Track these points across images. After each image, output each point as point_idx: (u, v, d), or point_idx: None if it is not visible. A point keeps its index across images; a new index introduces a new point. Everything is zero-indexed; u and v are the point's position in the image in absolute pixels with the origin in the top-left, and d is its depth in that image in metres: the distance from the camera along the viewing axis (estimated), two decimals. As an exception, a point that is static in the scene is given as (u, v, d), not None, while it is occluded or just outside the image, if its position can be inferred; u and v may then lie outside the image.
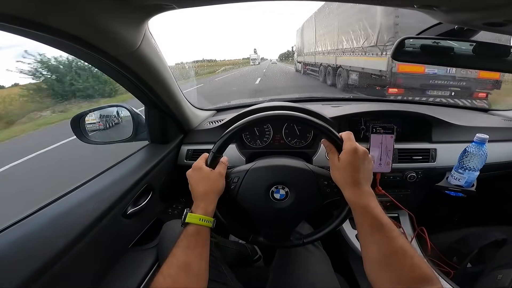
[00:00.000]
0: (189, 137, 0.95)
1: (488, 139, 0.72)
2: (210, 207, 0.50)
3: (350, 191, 0.47)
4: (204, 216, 0.49)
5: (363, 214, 0.44)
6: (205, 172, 0.53)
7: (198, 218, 0.48)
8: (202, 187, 0.52)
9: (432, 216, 1.05)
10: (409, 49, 0.64)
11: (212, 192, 0.52)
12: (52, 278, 0.43)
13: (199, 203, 0.50)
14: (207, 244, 0.49)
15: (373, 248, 0.42)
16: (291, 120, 0.57)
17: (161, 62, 0.65)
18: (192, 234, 0.47)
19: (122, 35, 0.46)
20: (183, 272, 0.43)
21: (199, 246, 0.47)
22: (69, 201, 0.55)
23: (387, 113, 0.90)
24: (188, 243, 0.46)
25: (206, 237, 0.49)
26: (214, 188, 0.52)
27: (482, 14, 0.40)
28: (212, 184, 0.52)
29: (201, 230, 0.48)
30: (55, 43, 0.44)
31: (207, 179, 0.52)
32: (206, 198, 0.51)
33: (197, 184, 0.52)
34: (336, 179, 0.49)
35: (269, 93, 6.97)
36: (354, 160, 0.47)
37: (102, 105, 0.80)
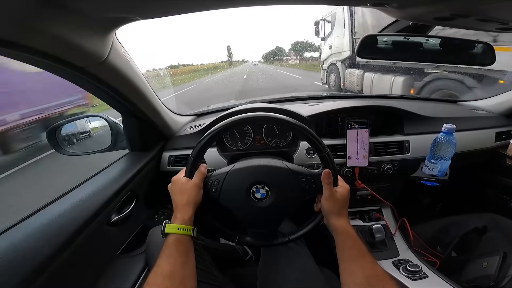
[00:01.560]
0: (170, 143, 0.95)
1: (455, 128, 0.75)
2: (186, 216, 0.52)
3: (338, 220, 0.53)
4: (182, 225, 0.51)
5: (349, 239, 0.50)
6: (180, 184, 0.55)
7: (176, 228, 0.50)
8: (179, 199, 0.54)
9: (413, 207, 1.08)
10: (381, 46, 0.66)
11: (188, 203, 0.54)
12: (41, 285, 0.43)
13: (176, 213, 0.53)
14: (190, 251, 0.51)
15: (357, 272, 0.46)
16: (270, 121, 0.58)
17: (133, 71, 0.65)
18: (172, 244, 0.49)
19: (88, 47, 0.47)
20: (168, 281, 0.44)
21: (181, 254, 0.48)
22: (52, 211, 0.55)
23: (361, 108, 0.93)
24: (170, 253, 0.48)
25: (187, 245, 0.50)
26: (189, 200, 0.54)
27: (430, 9, 0.42)
28: (187, 196, 0.54)
29: (181, 239, 0.50)
30: (21, 57, 0.44)
31: (181, 192, 0.55)
32: (182, 209, 0.53)
33: (174, 196, 0.55)
34: (328, 208, 0.54)
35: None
36: (348, 196, 0.56)
37: (78, 115, 0.80)
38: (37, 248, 0.46)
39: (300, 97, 1.29)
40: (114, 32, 0.53)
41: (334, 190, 0.54)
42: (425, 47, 0.66)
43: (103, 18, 0.45)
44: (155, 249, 0.63)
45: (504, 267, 0.71)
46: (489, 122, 1.00)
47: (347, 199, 0.56)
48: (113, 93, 0.64)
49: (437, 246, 0.94)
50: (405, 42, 0.65)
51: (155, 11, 0.45)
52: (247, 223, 0.59)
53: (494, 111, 1.07)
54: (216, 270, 0.65)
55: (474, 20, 0.45)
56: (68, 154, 0.81)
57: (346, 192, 0.56)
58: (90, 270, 0.58)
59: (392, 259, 0.80)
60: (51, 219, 0.52)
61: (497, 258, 0.73)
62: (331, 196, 0.54)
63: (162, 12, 0.45)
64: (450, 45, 0.66)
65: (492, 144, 0.97)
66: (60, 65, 0.47)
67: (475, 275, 0.74)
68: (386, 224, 0.93)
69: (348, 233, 0.50)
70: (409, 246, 0.86)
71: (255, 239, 0.60)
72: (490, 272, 0.71)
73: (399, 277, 0.71)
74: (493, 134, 0.97)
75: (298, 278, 0.62)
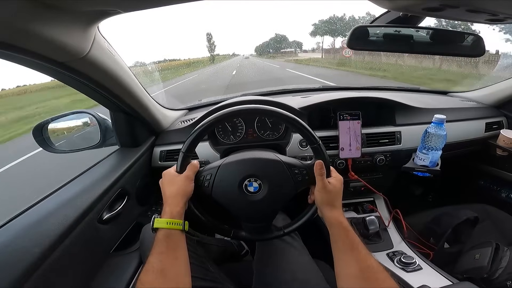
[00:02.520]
0: (161, 138, 0.94)
1: (445, 119, 0.76)
2: (175, 210, 0.50)
3: (331, 211, 0.52)
4: (171, 219, 0.49)
5: (342, 231, 0.49)
6: (171, 176, 0.54)
7: (166, 222, 0.48)
8: (168, 191, 0.53)
9: (406, 198, 1.09)
10: (373, 38, 0.66)
11: (177, 195, 0.52)
12: (34, 285, 0.43)
13: (166, 207, 0.51)
14: (181, 246, 0.49)
15: (351, 264, 0.46)
16: (261, 113, 0.58)
17: (118, 65, 0.63)
18: (162, 239, 0.47)
19: (68, 41, 0.45)
20: (161, 278, 0.43)
21: (171, 250, 0.47)
22: (39, 210, 0.54)
23: (353, 100, 0.93)
24: (160, 249, 0.46)
25: (178, 239, 0.49)
26: (179, 191, 0.52)
27: (419, 0, 0.42)
28: (177, 187, 0.53)
29: (170, 234, 0.48)
30: (2, 55, 0.42)
31: (172, 183, 0.53)
32: (172, 201, 0.51)
33: (164, 189, 0.53)
34: (321, 199, 0.53)
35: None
36: (340, 187, 0.54)
37: (65, 112, 0.78)
38: (26, 248, 0.45)
39: (292, 89, 1.28)
40: (96, 26, 0.51)
41: (327, 181, 0.53)
42: (416, 39, 0.66)
43: (82, 12, 0.43)
44: (148, 245, 0.62)
45: (496, 259, 0.72)
46: (479, 113, 1.01)
47: (340, 190, 0.54)
48: (98, 88, 0.62)
49: (430, 238, 0.95)
50: (396, 35, 0.65)
51: (135, 4, 0.43)
52: (241, 217, 0.59)
53: (484, 102, 1.09)
54: (212, 265, 0.64)
55: (464, 11, 0.44)
56: (56, 152, 0.79)
57: (339, 183, 0.55)
58: (83, 268, 0.58)
59: (386, 251, 0.81)
60: (40, 218, 0.51)
61: (489, 250, 0.74)
62: (323, 188, 0.53)
63: (143, 4, 0.43)
64: (440, 37, 0.66)
65: (482, 135, 0.98)
66: (40, 61, 0.45)
67: (468, 267, 0.75)
68: (380, 216, 0.93)
69: (342, 224, 0.50)
70: (402, 238, 0.87)
71: (250, 233, 0.60)
72: (483, 263, 0.72)
73: (393, 269, 0.72)
74: (483, 124, 0.98)
75: (293, 271, 0.62)
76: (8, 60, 0.44)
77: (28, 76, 22.98)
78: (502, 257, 0.72)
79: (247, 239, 0.61)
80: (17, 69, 12.00)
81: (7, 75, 26.04)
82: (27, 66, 0.49)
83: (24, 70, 3.35)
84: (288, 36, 63.58)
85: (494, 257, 0.73)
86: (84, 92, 0.65)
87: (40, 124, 0.75)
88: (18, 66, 0.47)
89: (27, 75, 18.16)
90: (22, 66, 0.49)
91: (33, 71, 0.51)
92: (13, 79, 18.01)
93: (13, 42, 0.39)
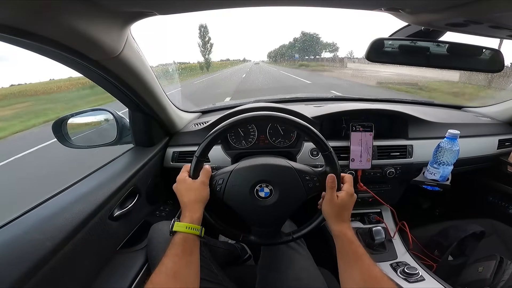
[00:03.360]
0: (175, 139, 0.95)
1: (459, 134, 0.75)
2: (195, 216, 0.52)
3: (337, 224, 0.53)
4: (191, 224, 0.51)
5: (347, 242, 0.50)
6: (187, 183, 0.56)
7: (185, 226, 0.50)
8: (187, 197, 0.54)
9: (413, 211, 1.09)
10: (388, 49, 0.66)
11: (196, 201, 0.54)
12: (41, 280, 0.43)
13: (185, 212, 0.53)
14: (196, 252, 0.51)
15: (356, 275, 0.47)
16: (274, 120, 0.59)
17: (144, 66, 0.65)
18: (179, 242, 0.49)
19: (105, 40, 0.47)
20: (172, 280, 0.44)
21: (186, 254, 0.48)
22: (55, 204, 0.55)
23: (366, 111, 0.93)
24: (176, 251, 0.48)
25: (194, 245, 0.51)
26: (197, 198, 0.54)
27: (443, 15, 0.43)
28: (195, 194, 0.54)
29: (188, 238, 0.50)
30: (39, 49, 0.44)
31: (189, 190, 0.55)
32: (191, 207, 0.53)
33: (182, 195, 0.55)
34: (328, 211, 0.55)
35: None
36: (349, 201, 0.55)
37: (84, 109, 0.80)
38: (38, 242, 0.45)
39: (305, 98, 1.29)
40: (130, 27, 0.53)
41: (335, 195, 0.54)
42: (432, 51, 0.66)
43: (121, 11, 0.45)
44: (156, 245, 0.64)
45: (499, 272, 0.72)
46: (493, 129, 1.01)
47: (348, 204, 0.54)
48: (123, 87, 0.64)
49: (435, 250, 0.95)
50: (412, 46, 0.65)
51: (172, 7, 0.45)
52: (251, 221, 0.60)
53: (498, 118, 1.08)
54: (216, 267, 0.65)
55: (487, 27, 0.45)
56: (73, 147, 0.81)
57: (348, 197, 0.54)
58: (90, 264, 0.58)
59: (390, 261, 0.81)
60: (54, 212, 0.52)
61: (493, 263, 0.74)
62: (331, 201, 0.54)
63: (178, 8, 0.45)
64: (458, 51, 0.66)
65: (494, 151, 0.98)
66: (75, 57, 0.47)
67: (471, 279, 0.76)
68: (386, 227, 0.94)
69: (346, 236, 0.50)
70: (407, 249, 0.87)
71: (259, 238, 0.61)
72: (485, 276, 0.72)
73: (396, 279, 0.73)
74: (496, 141, 0.98)
75: (298, 277, 0.63)
76: (43, 54, 0.46)
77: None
78: (505, 270, 0.72)
79: (256, 243, 0.62)
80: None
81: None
82: (60, 62, 0.51)
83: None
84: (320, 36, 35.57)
85: (497, 270, 0.73)
86: (108, 90, 0.67)
87: (60, 119, 0.78)
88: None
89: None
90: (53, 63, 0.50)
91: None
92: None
93: (54, 36, 0.40)
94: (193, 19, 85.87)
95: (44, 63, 16.74)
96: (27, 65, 26.02)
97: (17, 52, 24.29)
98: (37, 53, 0.44)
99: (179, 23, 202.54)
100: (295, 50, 35.46)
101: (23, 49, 0.43)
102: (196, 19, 56.92)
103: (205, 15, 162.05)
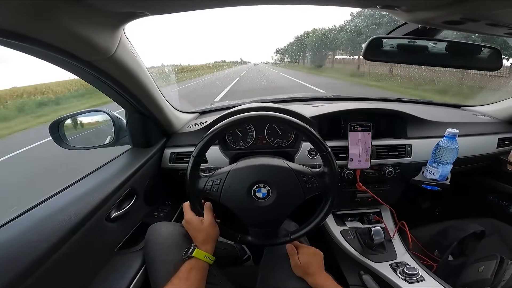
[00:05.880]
0: (172, 140, 0.95)
1: (458, 133, 0.75)
2: (209, 249, 0.59)
3: (309, 277, 0.60)
4: (209, 254, 0.57)
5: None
6: (196, 225, 0.60)
7: (204, 255, 0.56)
8: (200, 238, 0.59)
9: (413, 210, 1.09)
10: (387, 49, 0.66)
11: (209, 240, 0.59)
12: (35, 282, 0.43)
13: (201, 246, 0.58)
14: (204, 278, 0.55)
15: None
16: (272, 120, 0.59)
17: (139, 67, 0.65)
18: (194, 268, 0.54)
19: (97, 41, 0.47)
20: None
21: (198, 279, 0.53)
22: (52, 205, 0.55)
23: (365, 111, 0.93)
24: (189, 276, 0.52)
25: (205, 273, 0.56)
26: (209, 237, 0.59)
27: (440, 13, 0.42)
28: (207, 234, 0.59)
29: (201, 266, 0.55)
30: (29, 50, 0.44)
31: (200, 231, 0.60)
32: (206, 243, 0.59)
33: (195, 236, 0.60)
34: (297, 272, 0.61)
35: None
36: (309, 260, 0.61)
37: (81, 110, 0.80)
38: (34, 243, 0.45)
39: (304, 98, 1.28)
40: (123, 27, 0.53)
41: (297, 260, 0.61)
42: (431, 50, 0.66)
43: (113, 12, 0.45)
44: (153, 246, 0.64)
45: (500, 272, 0.72)
46: (492, 128, 1.00)
47: (312, 261, 0.61)
48: (118, 88, 0.64)
49: (435, 250, 0.95)
50: (410, 45, 0.65)
51: (165, 7, 0.45)
52: (248, 222, 0.60)
53: (498, 117, 1.08)
54: (214, 268, 0.65)
55: (484, 24, 0.44)
56: (70, 148, 0.81)
57: (307, 257, 0.61)
58: (87, 265, 0.58)
59: (389, 261, 0.80)
60: (50, 213, 0.52)
61: (494, 263, 0.74)
62: (296, 265, 0.61)
63: (171, 8, 0.45)
64: (456, 49, 0.66)
65: (494, 150, 0.97)
66: (67, 58, 0.47)
67: (471, 279, 0.75)
68: (385, 227, 0.93)
69: (317, 286, 0.58)
70: (407, 249, 0.86)
71: (256, 239, 0.61)
72: (486, 276, 0.72)
73: (396, 280, 0.72)
74: (496, 140, 0.97)
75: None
76: (36, 56, 0.46)
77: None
78: (506, 270, 0.72)
79: (253, 244, 0.62)
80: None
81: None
82: (53, 63, 0.50)
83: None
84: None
85: (497, 270, 0.72)
86: (103, 91, 0.67)
87: (57, 120, 0.77)
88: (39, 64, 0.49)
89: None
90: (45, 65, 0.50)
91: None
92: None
93: (45, 38, 0.40)
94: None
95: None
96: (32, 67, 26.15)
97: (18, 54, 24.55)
98: (28, 54, 0.44)
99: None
100: (306, 50, 29.97)
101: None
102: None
103: (201, 14, 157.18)
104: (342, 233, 0.89)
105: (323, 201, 0.61)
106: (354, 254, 0.82)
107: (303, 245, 0.66)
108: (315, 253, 0.64)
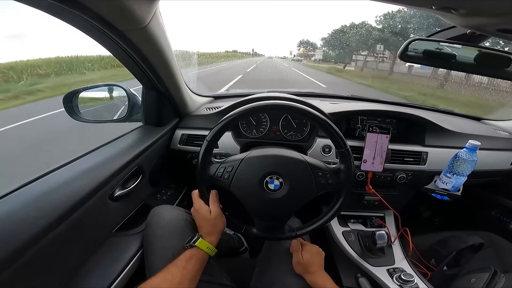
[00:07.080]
0: (185, 121, 0.93)
1: (479, 146, 0.74)
2: (214, 240, 0.58)
3: (308, 275, 0.60)
4: (211, 246, 0.56)
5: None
6: (204, 214, 0.59)
7: (206, 246, 0.55)
8: (206, 228, 0.58)
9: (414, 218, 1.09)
10: (411, 53, 0.64)
11: (215, 232, 0.58)
12: (31, 259, 0.41)
13: (205, 237, 0.57)
14: (201, 270, 0.54)
15: None
16: (293, 111, 0.57)
17: (167, 43, 0.64)
18: (193, 258, 0.52)
19: (133, 9, 0.45)
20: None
21: (195, 269, 0.52)
22: (55, 178, 0.52)
23: (384, 113, 0.91)
24: (186, 265, 0.50)
25: (204, 264, 0.55)
26: (216, 229, 0.58)
27: (497, 20, 0.40)
28: (213, 225, 0.58)
29: (202, 257, 0.54)
30: (71, 19, 0.43)
31: (207, 221, 0.58)
32: (211, 234, 0.58)
33: (200, 225, 0.59)
34: (298, 269, 0.62)
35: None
36: (312, 258, 0.62)
37: (97, 84, 0.78)
38: (32, 219, 0.42)
39: (321, 94, 1.26)
40: (159, 0, 0.51)
41: (301, 257, 0.61)
42: (458, 59, 0.64)
43: None
44: (154, 230, 0.62)
45: (491, 284, 0.72)
46: (510, 144, 0.99)
47: (314, 259, 0.62)
48: (142, 62, 0.63)
49: (432, 258, 0.96)
50: (437, 53, 0.64)
51: None
52: (256, 214, 0.58)
53: None
54: (213, 258, 0.65)
55: None
56: (81, 121, 0.79)
57: (310, 255, 0.62)
58: (84, 245, 0.56)
59: (387, 266, 0.81)
60: (54, 187, 0.49)
61: (487, 275, 0.74)
62: (298, 262, 0.61)
63: None
64: (485, 60, 0.64)
65: (507, 167, 0.96)
66: (101, 26, 0.45)
67: (463, 289, 0.76)
68: (388, 232, 0.93)
69: (316, 285, 0.59)
70: (405, 256, 0.87)
71: (262, 231, 0.60)
72: (477, 287, 0.72)
73: (391, 285, 0.73)
74: (511, 156, 0.96)
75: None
76: (69, 22, 0.45)
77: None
78: (497, 283, 0.72)
79: (257, 237, 0.61)
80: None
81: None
82: (85, 32, 0.49)
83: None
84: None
85: (489, 282, 0.72)
86: (126, 65, 0.65)
87: (72, 92, 0.75)
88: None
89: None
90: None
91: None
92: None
93: (88, 3, 0.39)
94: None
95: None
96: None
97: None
98: (68, 23, 0.43)
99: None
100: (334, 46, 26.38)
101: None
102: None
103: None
104: (344, 234, 0.89)
105: (335, 199, 0.60)
106: (353, 256, 0.82)
107: (307, 243, 0.66)
108: (318, 252, 0.64)
